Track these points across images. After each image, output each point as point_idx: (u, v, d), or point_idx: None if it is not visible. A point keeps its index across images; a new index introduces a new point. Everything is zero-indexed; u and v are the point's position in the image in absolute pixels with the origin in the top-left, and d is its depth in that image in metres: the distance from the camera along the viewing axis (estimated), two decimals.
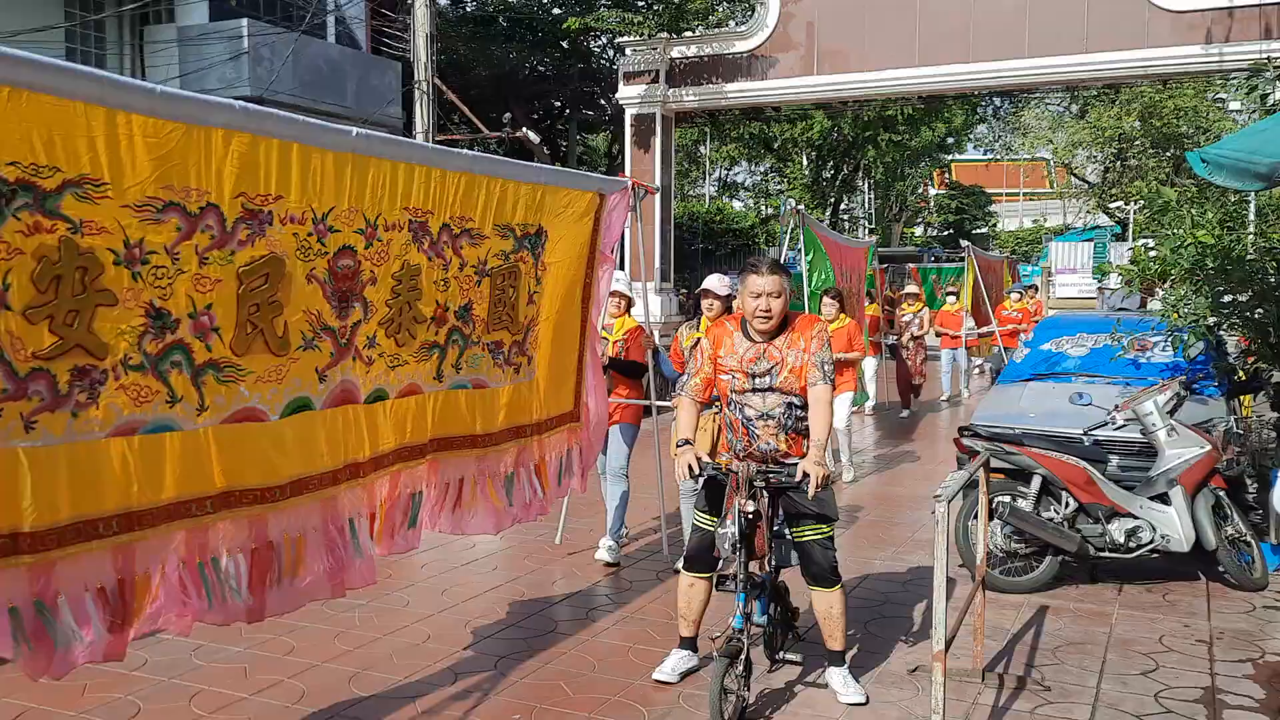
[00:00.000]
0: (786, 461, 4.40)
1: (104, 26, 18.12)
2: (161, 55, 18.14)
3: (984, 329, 16.42)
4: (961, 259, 18.44)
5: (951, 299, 16.56)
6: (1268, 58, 7.18)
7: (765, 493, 4.29)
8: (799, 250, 9.98)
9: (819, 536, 4.45)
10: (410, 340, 4.15)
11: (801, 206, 10.53)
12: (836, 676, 4.59)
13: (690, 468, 4.32)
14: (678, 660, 4.73)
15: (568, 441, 5.38)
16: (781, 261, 5.38)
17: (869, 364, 13.35)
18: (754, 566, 4.36)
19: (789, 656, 4.52)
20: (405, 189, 3.95)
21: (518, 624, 5.52)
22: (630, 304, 6.96)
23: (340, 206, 3.65)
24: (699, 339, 4.89)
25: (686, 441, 4.44)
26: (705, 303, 6.44)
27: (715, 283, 6.46)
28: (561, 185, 5.04)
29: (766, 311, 4.37)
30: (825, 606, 4.52)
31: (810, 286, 9.80)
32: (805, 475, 4.18)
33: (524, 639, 5.30)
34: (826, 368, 4.40)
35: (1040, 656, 5.11)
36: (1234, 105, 23.80)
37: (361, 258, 3.79)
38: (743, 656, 4.19)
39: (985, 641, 4.91)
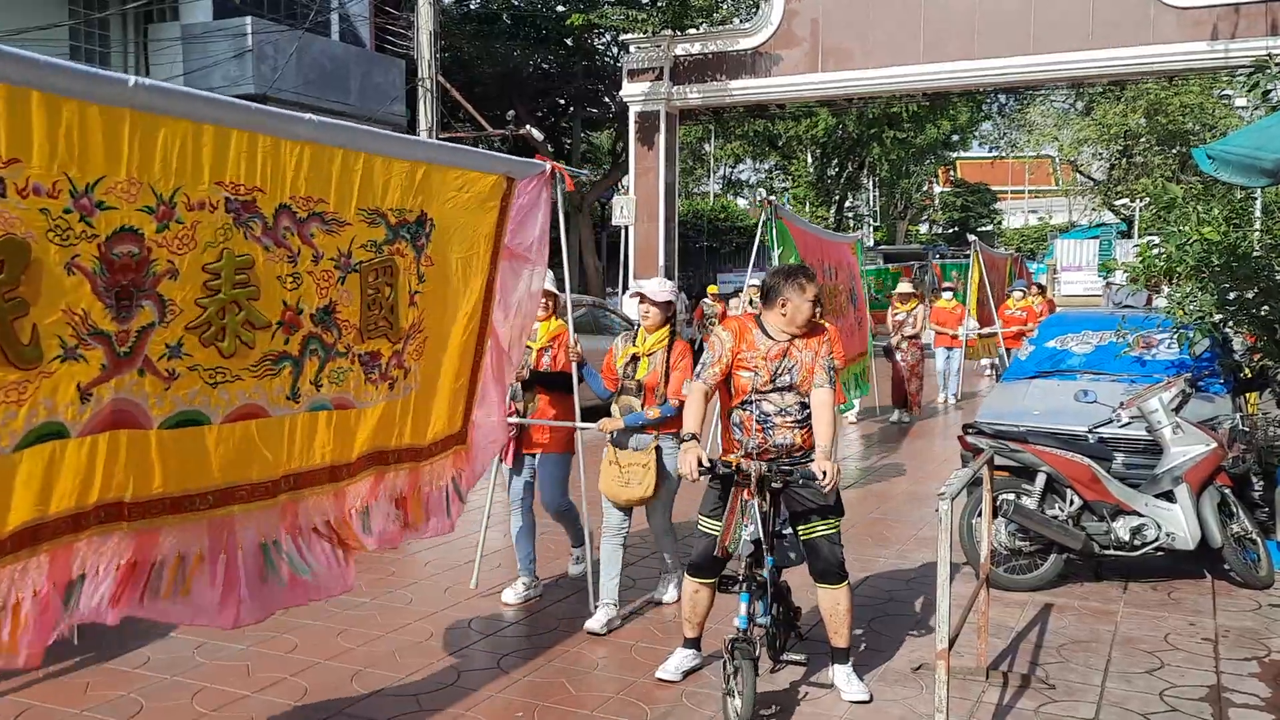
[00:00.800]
0: (800, 456, 4.43)
1: (108, 25, 18.15)
2: (166, 53, 18.16)
3: (986, 329, 15.61)
4: (968, 255, 18.05)
5: (948, 295, 15.91)
6: (1270, 54, 7.14)
7: (770, 493, 4.30)
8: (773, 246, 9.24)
9: (828, 532, 4.44)
10: (245, 350, 3.39)
11: (773, 198, 10.03)
12: (841, 674, 4.58)
13: (700, 463, 4.23)
14: (681, 659, 4.73)
15: (452, 468, 4.61)
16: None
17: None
18: (754, 566, 4.35)
19: (792, 657, 4.50)
20: (218, 159, 3.17)
21: (520, 621, 5.52)
22: (558, 303, 5.86)
23: (115, 176, 2.88)
24: (716, 335, 4.69)
25: (694, 436, 4.35)
26: (641, 308, 5.50)
27: (654, 287, 5.56)
28: (453, 165, 4.29)
29: (810, 317, 4.46)
30: (831, 603, 4.51)
31: None
32: (819, 473, 4.23)
33: (527, 637, 5.29)
34: (832, 373, 4.47)
35: (1045, 654, 5.09)
36: (1240, 102, 23.74)
37: (151, 243, 3.01)
38: (756, 657, 4.19)
39: (989, 639, 4.89)
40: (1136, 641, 5.27)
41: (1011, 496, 6.11)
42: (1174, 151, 31.86)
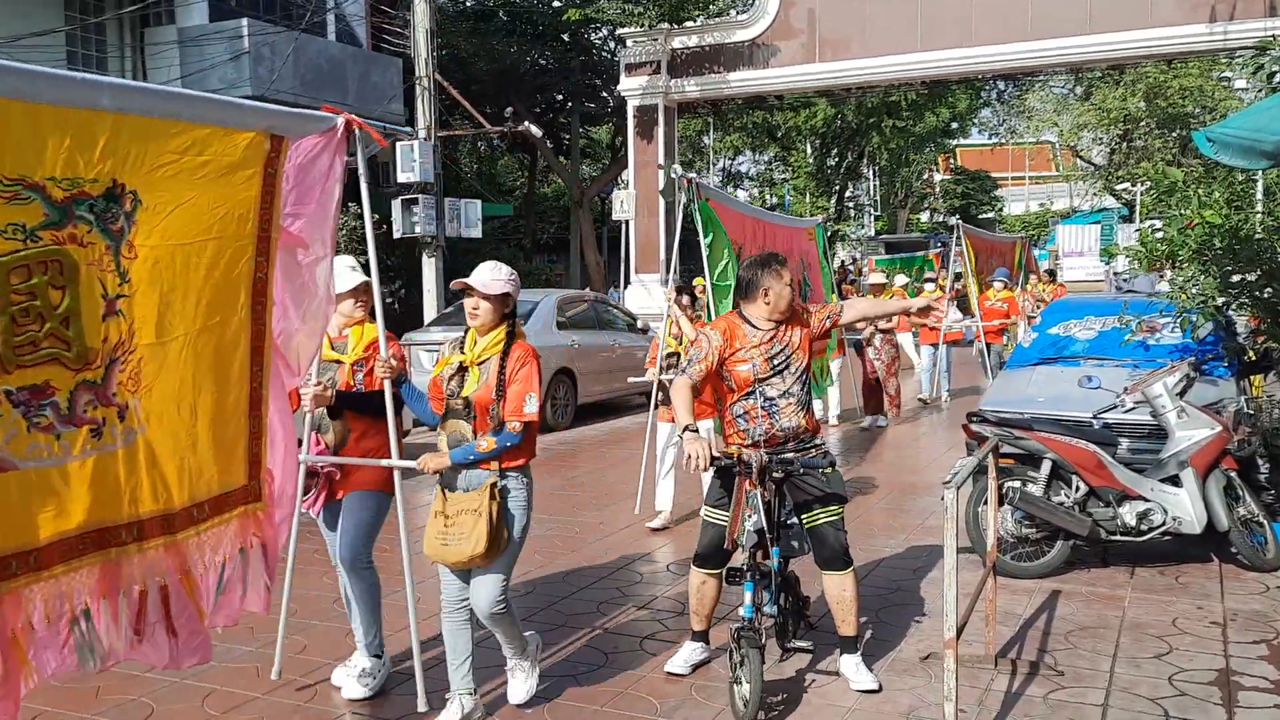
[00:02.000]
0: (806, 440, 4.50)
1: (104, 29, 18.14)
2: (163, 56, 18.16)
3: (961, 321, 14.38)
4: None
5: (929, 285, 15.29)
6: (1273, 36, 7.12)
7: (773, 482, 4.32)
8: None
9: (832, 518, 4.47)
10: None
11: (694, 175, 7.84)
12: (849, 663, 4.58)
13: (703, 455, 4.15)
14: (690, 652, 4.73)
15: (241, 536, 3.51)
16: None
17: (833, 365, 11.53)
18: (759, 556, 4.38)
19: (799, 644, 4.50)
20: None
21: (528, 618, 5.52)
22: (371, 306, 4.45)
23: None
24: (696, 334, 4.69)
25: (692, 428, 4.24)
26: (468, 304, 4.10)
27: (485, 276, 4.10)
28: (170, 116, 3.07)
29: (788, 301, 4.52)
30: (838, 590, 4.52)
31: (712, 278, 7.77)
32: (827, 459, 4.39)
33: (534, 633, 5.29)
34: (836, 311, 4.76)
35: (1053, 641, 5.09)
36: (1239, 84, 23.68)
37: None
38: (762, 645, 4.18)
39: (997, 627, 4.90)
40: (1144, 626, 5.27)
41: (1017, 484, 6.11)
42: (1174, 135, 31.81)
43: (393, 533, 4.48)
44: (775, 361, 4.48)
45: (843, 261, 18.41)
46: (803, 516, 4.49)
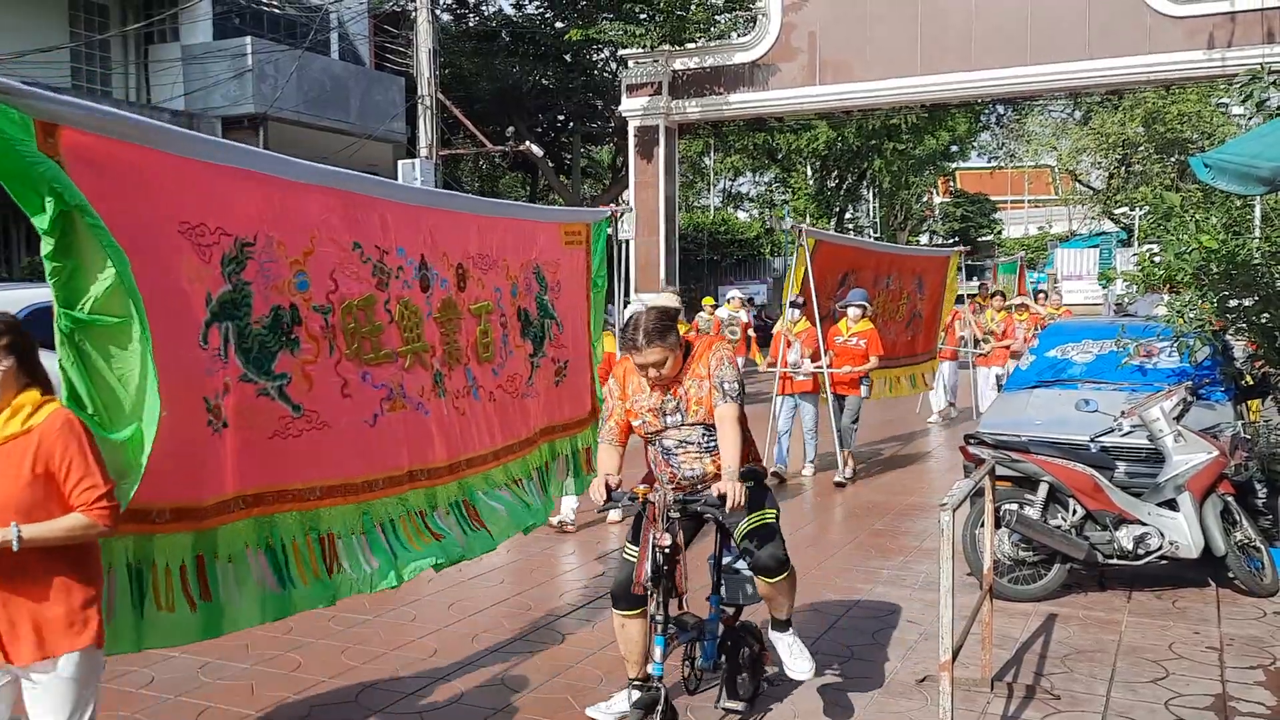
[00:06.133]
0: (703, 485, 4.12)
1: (109, 46, 18.23)
2: (166, 74, 18.25)
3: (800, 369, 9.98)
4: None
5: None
6: (1263, 65, 7.18)
7: (681, 523, 3.92)
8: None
9: (755, 524, 4.08)
10: None
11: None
12: (782, 643, 4.28)
13: (607, 489, 3.91)
14: (620, 700, 4.33)
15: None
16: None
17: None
18: (672, 607, 3.95)
19: (730, 705, 4.20)
20: None
21: (525, 637, 5.51)
22: None
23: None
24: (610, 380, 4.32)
25: (607, 477, 4.02)
26: None
27: None
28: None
29: (658, 378, 4.08)
30: (767, 589, 4.14)
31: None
32: (721, 496, 3.80)
33: (531, 652, 5.28)
34: (728, 386, 4.05)
35: (1049, 665, 5.08)
36: (1237, 110, 23.79)
37: None
38: (658, 708, 3.83)
39: (993, 650, 4.89)
40: (1141, 651, 5.26)
41: (1014, 506, 6.11)
42: (1172, 160, 31.95)
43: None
44: (668, 418, 4.14)
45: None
46: (736, 540, 4.12)
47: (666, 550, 3.77)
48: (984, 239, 53.35)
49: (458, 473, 4.80)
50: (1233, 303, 6.97)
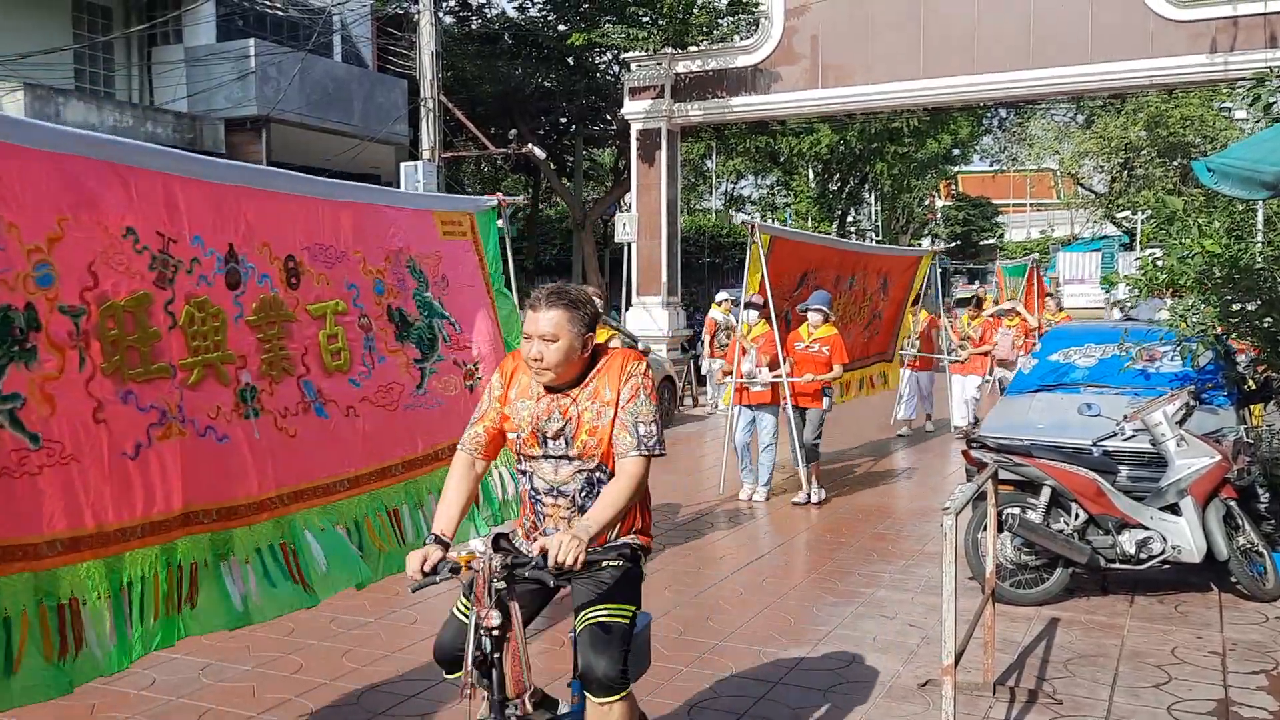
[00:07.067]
0: (597, 552, 3.07)
1: (112, 48, 18.26)
2: (169, 76, 18.27)
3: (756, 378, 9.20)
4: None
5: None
6: (1269, 68, 7.17)
7: (522, 595, 2.98)
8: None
9: (601, 619, 3.10)
10: None
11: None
12: None
13: (423, 565, 2.94)
14: None
15: None
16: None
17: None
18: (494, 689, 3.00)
19: None
20: None
21: (526, 639, 5.49)
22: None
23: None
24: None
25: (435, 538, 3.07)
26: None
27: None
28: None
29: (538, 359, 3.07)
30: (594, 713, 3.08)
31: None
32: (544, 552, 2.84)
33: (532, 653, 5.26)
34: (644, 431, 3.06)
35: (1051, 669, 5.07)
36: (1240, 114, 23.80)
37: None
38: None
39: (996, 654, 4.88)
40: (1143, 655, 5.25)
41: (1016, 510, 6.11)
42: (1175, 164, 31.94)
43: None
44: (550, 443, 3.15)
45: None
46: (576, 625, 3.17)
47: (494, 631, 2.89)
48: (986, 243, 53.38)
49: (277, 509, 3.93)
50: (1235, 307, 6.96)
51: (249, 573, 3.79)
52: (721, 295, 16.95)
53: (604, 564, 3.13)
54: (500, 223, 5.75)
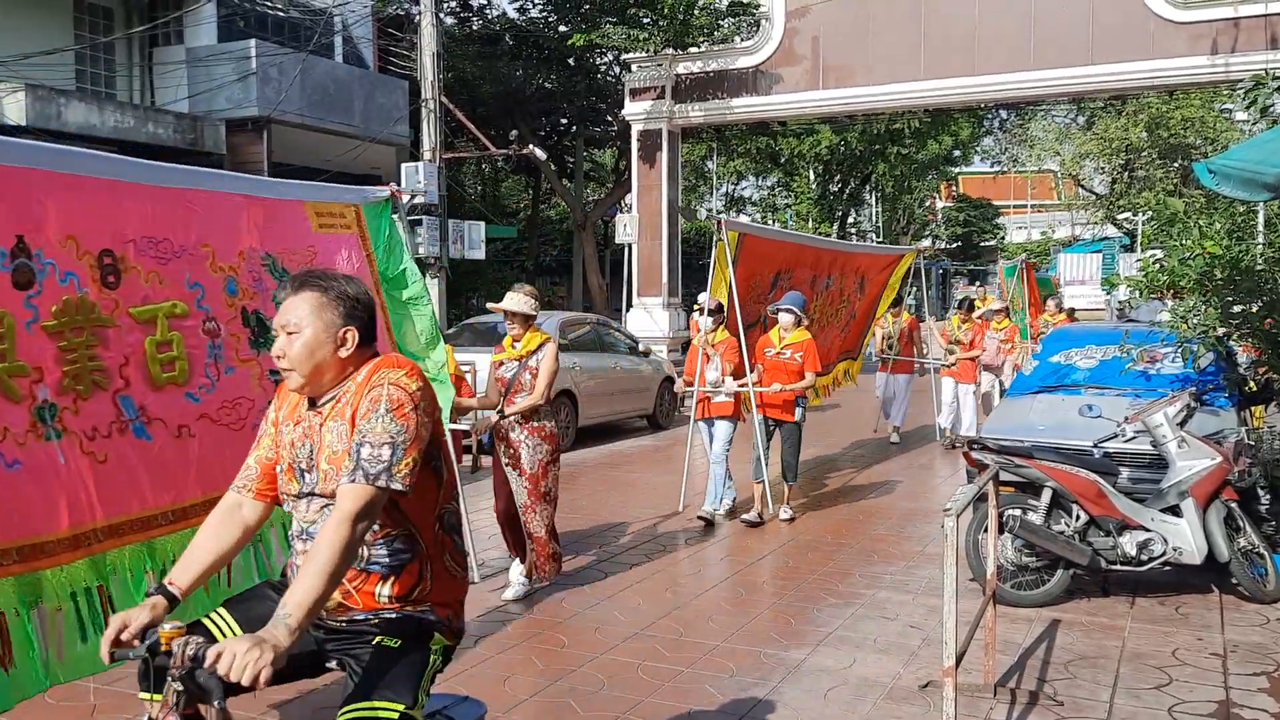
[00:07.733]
0: (342, 614, 2.60)
1: (113, 49, 18.27)
2: (170, 76, 18.29)
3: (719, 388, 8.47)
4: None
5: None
6: (1267, 70, 7.17)
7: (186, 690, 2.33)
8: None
9: (356, 715, 2.48)
10: None
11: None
12: None
13: (118, 634, 2.39)
14: None
15: None
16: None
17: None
18: None
19: None
20: None
21: (525, 641, 5.50)
22: None
23: None
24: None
25: (161, 588, 2.51)
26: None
27: None
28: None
29: (279, 356, 2.52)
30: None
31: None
32: (218, 658, 2.19)
33: (532, 656, 5.28)
34: (366, 454, 2.38)
35: (1052, 671, 5.07)
36: (1240, 115, 23.81)
37: None
38: None
39: (996, 656, 4.88)
40: (1144, 657, 5.25)
41: (1017, 512, 6.10)
42: (1175, 165, 31.97)
43: None
44: (305, 476, 2.57)
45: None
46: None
47: None
48: (987, 244, 53.36)
49: (91, 546, 3.40)
50: (1236, 308, 6.97)
51: (58, 622, 3.31)
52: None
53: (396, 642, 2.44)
54: (395, 216, 5.32)
